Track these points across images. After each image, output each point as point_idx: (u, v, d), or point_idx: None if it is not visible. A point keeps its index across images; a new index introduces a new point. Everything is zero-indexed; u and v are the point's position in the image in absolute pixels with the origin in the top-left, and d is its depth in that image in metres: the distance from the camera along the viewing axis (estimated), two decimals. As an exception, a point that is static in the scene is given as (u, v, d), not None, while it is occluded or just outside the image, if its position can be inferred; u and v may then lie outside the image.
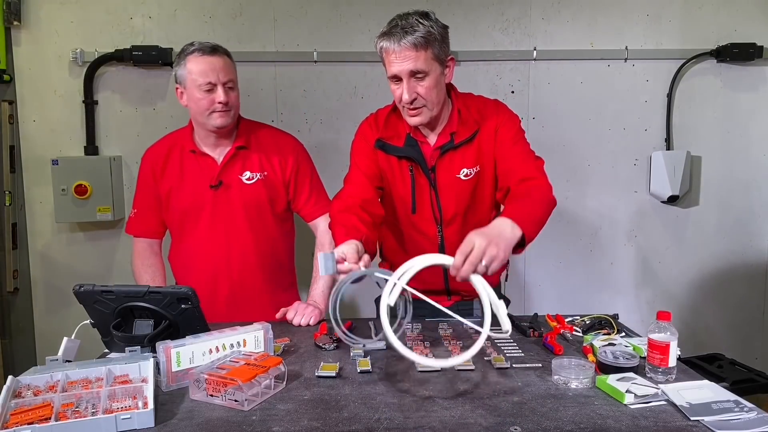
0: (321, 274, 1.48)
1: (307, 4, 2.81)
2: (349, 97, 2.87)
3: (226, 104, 1.82)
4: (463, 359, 1.31)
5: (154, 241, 2.05)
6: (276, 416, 1.19)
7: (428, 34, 1.55)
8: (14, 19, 2.72)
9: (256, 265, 1.97)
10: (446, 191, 1.74)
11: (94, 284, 1.47)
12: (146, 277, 1.98)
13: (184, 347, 1.35)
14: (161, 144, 2.00)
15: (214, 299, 1.93)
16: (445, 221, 1.77)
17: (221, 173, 1.92)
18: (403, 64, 1.56)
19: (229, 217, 1.93)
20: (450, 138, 1.70)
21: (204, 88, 1.80)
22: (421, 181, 1.74)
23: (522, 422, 1.15)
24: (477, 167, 1.73)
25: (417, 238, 1.81)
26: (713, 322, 3.07)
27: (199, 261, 1.96)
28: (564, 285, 3.03)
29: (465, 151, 1.71)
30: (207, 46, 1.82)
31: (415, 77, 1.58)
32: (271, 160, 1.96)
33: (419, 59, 1.55)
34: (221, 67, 1.81)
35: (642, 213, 3.01)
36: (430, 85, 1.59)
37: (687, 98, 2.93)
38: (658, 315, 1.36)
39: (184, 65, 1.82)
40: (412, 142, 1.71)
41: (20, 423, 1.09)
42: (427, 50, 1.55)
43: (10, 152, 2.81)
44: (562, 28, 2.88)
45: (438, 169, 1.72)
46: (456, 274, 1.33)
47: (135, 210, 2.03)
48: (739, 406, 1.20)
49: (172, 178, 1.94)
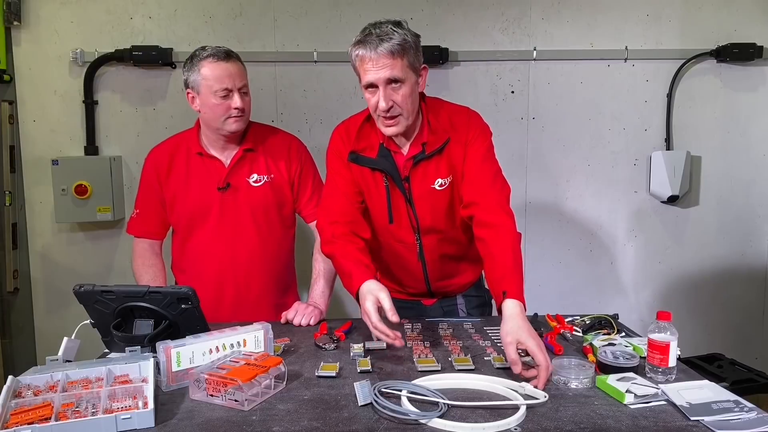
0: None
1: (307, 4, 2.82)
2: (349, 97, 2.87)
3: (242, 110, 1.83)
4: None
5: (155, 241, 2.05)
6: (276, 416, 1.19)
7: (404, 42, 1.53)
8: (14, 19, 2.72)
9: (262, 267, 1.98)
10: (421, 201, 1.72)
11: (94, 284, 1.47)
12: (147, 278, 1.98)
13: (184, 347, 1.35)
14: (165, 145, 2.00)
15: (219, 301, 1.94)
16: (423, 229, 1.76)
17: (229, 175, 1.92)
18: (379, 71, 1.53)
19: (236, 220, 1.93)
20: (422, 148, 1.68)
21: (220, 94, 1.80)
22: (396, 192, 1.72)
23: (522, 422, 1.15)
24: (450, 177, 1.70)
25: (395, 245, 1.81)
26: (713, 322, 3.07)
27: (205, 262, 1.96)
28: (564, 285, 3.03)
29: (438, 161, 1.69)
30: (221, 52, 1.82)
31: (391, 85, 1.55)
32: (277, 162, 1.96)
33: (396, 67, 1.53)
34: (236, 73, 1.82)
35: (642, 213, 3.01)
36: (406, 93, 1.57)
37: (687, 98, 2.93)
38: (658, 315, 1.36)
39: (197, 70, 1.81)
40: (385, 153, 1.69)
41: (20, 423, 1.09)
42: (403, 58, 1.54)
43: (10, 152, 2.81)
44: (562, 28, 2.88)
45: (412, 180, 1.70)
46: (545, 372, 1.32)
47: (137, 210, 2.02)
48: (739, 406, 1.20)
49: (178, 180, 1.94)
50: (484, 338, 1.65)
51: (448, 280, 1.89)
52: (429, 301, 1.94)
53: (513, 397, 1.25)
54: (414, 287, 1.91)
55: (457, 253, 1.84)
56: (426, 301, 1.94)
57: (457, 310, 1.94)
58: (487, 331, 1.71)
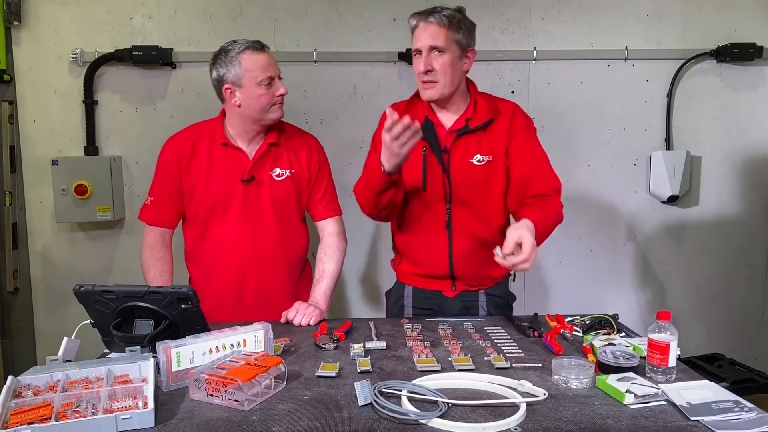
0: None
1: (307, 4, 2.82)
2: (349, 97, 2.87)
3: (283, 96, 1.89)
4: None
5: (167, 231, 2.01)
6: (276, 416, 1.19)
7: (451, 16, 1.74)
8: (14, 19, 2.72)
9: (283, 259, 1.98)
10: (458, 173, 1.83)
11: (94, 284, 1.46)
12: (154, 271, 1.95)
13: (184, 347, 1.35)
14: (186, 133, 1.99)
15: (241, 293, 1.96)
16: (455, 200, 1.85)
17: (253, 168, 1.93)
18: (426, 38, 1.74)
19: (258, 212, 1.94)
20: (465, 123, 1.82)
21: (265, 82, 1.84)
22: (433, 161, 1.83)
23: (522, 422, 1.15)
24: (490, 156, 1.83)
25: (425, 216, 1.89)
26: (713, 322, 3.07)
27: (227, 254, 1.95)
28: (564, 285, 3.03)
29: (480, 137, 1.83)
30: (256, 43, 1.87)
31: (433, 52, 1.73)
32: (299, 158, 1.99)
33: (440, 36, 1.73)
34: (274, 62, 1.90)
35: (642, 213, 3.01)
36: (446, 62, 1.74)
37: (687, 98, 2.93)
38: (658, 315, 1.36)
39: (237, 64, 1.83)
40: (429, 125, 1.83)
41: (20, 423, 1.09)
42: (449, 30, 1.73)
43: (10, 152, 2.81)
44: (562, 28, 2.88)
45: (453, 151, 1.82)
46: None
47: (151, 198, 2.00)
48: (739, 406, 1.20)
49: (199, 169, 1.94)
50: (484, 338, 1.65)
51: (471, 265, 1.88)
52: (451, 293, 1.94)
53: (513, 396, 1.25)
54: (437, 267, 1.91)
55: (484, 236, 1.85)
56: (448, 292, 1.95)
57: (478, 308, 1.94)
58: (487, 331, 1.72)
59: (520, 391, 1.27)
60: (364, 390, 1.26)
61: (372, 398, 1.22)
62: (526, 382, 1.28)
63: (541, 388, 1.26)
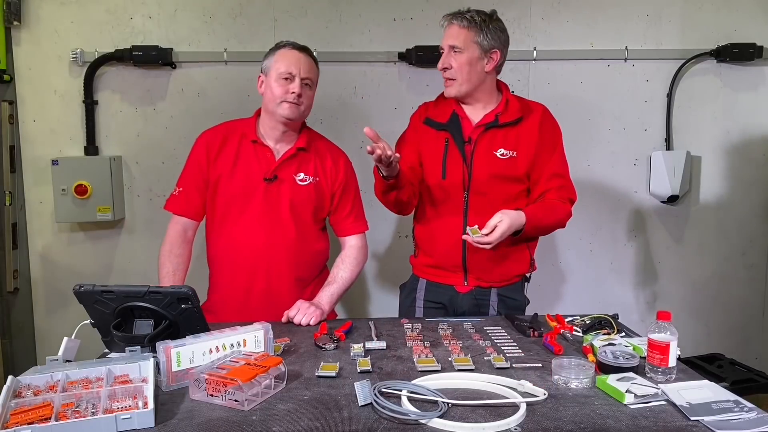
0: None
1: (307, 4, 2.82)
2: (349, 97, 2.87)
3: (298, 96, 1.88)
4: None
5: (190, 224, 2.02)
6: (276, 416, 1.19)
7: (472, 19, 1.84)
8: (14, 19, 2.72)
9: (294, 262, 1.98)
10: (480, 163, 1.89)
11: (94, 284, 1.46)
12: (168, 267, 1.95)
13: (184, 347, 1.35)
14: (220, 128, 2.03)
15: (249, 291, 1.96)
16: (473, 189, 1.90)
17: (278, 168, 1.95)
18: (447, 38, 1.87)
19: (277, 212, 1.95)
20: (495, 117, 1.90)
21: (283, 76, 1.88)
22: (454, 152, 1.91)
23: (522, 422, 1.15)
24: (514, 152, 1.90)
25: (442, 206, 1.95)
26: (713, 322, 3.07)
27: (240, 250, 1.95)
28: (564, 285, 3.03)
29: (507, 133, 1.90)
30: (298, 44, 1.94)
31: (452, 52, 1.85)
32: (325, 169, 2.01)
33: (459, 37, 1.84)
34: (304, 63, 1.91)
35: (642, 213, 3.01)
36: (462, 61, 1.84)
37: (687, 98, 2.93)
38: (658, 315, 1.36)
39: (272, 56, 1.92)
40: (455, 118, 1.93)
41: (20, 423, 1.09)
42: (469, 31, 1.83)
43: (10, 152, 2.80)
44: (562, 28, 2.88)
45: (478, 144, 1.90)
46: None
47: (180, 188, 2.01)
48: (739, 406, 1.20)
49: (226, 162, 1.96)
50: (484, 338, 1.65)
51: (483, 256, 1.87)
52: (463, 288, 1.95)
53: (513, 396, 1.25)
54: (450, 256, 1.94)
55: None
56: (460, 287, 1.96)
57: (489, 306, 1.95)
58: (487, 331, 1.72)
59: (520, 391, 1.27)
60: (364, 390, 1.26)
61: (372, 398, 1.22)
62: (526, 382, 1.29)
63: (541, 388, 1.26)
